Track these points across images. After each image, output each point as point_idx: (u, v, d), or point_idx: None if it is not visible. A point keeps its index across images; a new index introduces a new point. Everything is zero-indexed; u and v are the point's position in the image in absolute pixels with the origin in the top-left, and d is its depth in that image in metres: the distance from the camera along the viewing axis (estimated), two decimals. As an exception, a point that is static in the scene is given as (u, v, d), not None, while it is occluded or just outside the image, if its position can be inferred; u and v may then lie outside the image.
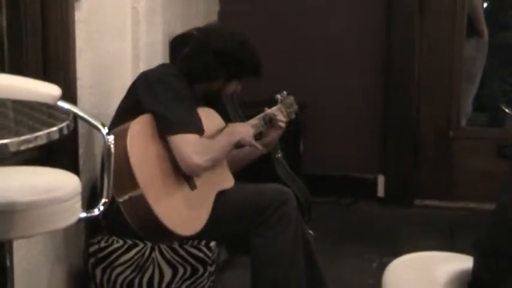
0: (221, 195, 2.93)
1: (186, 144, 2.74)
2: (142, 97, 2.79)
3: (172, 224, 2.69)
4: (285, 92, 3.24)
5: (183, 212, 2.79)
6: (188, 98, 2.86)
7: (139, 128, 2.72)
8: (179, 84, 2.85)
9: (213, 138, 2.90)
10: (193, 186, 2.85)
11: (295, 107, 3.27)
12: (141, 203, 2.65)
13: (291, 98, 3.25)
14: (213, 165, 2.88)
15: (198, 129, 2.81)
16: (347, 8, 4.80)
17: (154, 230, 2.71)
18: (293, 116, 3.24)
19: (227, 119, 3.22)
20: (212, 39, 2.96)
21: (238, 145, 2.97)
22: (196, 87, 2.96)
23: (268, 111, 3.13)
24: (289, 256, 2.86)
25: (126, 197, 2.66)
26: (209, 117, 2.97)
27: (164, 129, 2.76)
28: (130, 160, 2.64)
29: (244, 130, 2.98)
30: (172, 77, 2.86)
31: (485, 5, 5.78)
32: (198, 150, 2.76)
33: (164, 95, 2.79)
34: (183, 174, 2.82)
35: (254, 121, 3.10)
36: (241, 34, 3.01)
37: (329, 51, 4.83)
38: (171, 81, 2.84)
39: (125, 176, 2.64)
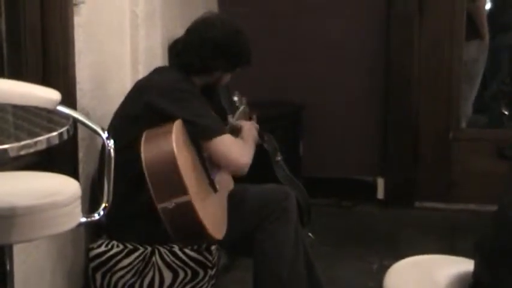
0: (228, 197, 2.95)
1: (229, 146, 2.76)
2: (167, 107, 2.74)
3: (212, 230, 2.67)
4: (236, 92, 3.26)
5: (216, 216, 2.80)
6: (203, 98, 2.87)
7: (179, 134, 2.69)
8: (190, 86, 2.86)
9: (241, 136, 2.94)
10: (215, 190, 2.86)
11: (248, 108, 3.30)
12: (186, 209, 2.58)
13: (245, 99, 3.27)
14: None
15: (226, 128, 2.85)
16: (347, 9, 4.80)
17: (192, 236, 2.68)
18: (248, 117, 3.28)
19: (223, 113, 3.23)
20: (208, 31, 2.94)
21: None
22: (194, 80, 2.95)
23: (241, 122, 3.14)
24: (292, 250, 2.88)
25: (173, 203, 2.58)
26: None
27: (202, 135, 2.75)
28: (179, 166, 2.57)
29: (253, 129, 3.04)
30: (182, 82, 2.85)
31: (487, 7, 5.78)
32: (241, 150, 2.81)
33: (186, 101, 2.77)
34: (208, 178, 2.82)
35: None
36: (233, 23, 3.02)
37: (329, 52, 4.83)
38: (184, 86, 2.83)
39: (172, 182, 2.57)
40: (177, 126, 2.68)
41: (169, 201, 2.59)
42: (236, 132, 3.02)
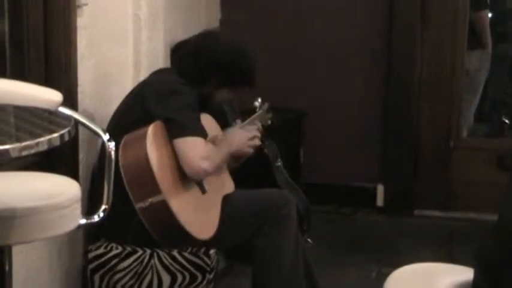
0: (225, 200, 2.94)
1: (194, 148, 2.71)
2: (156, 107, 2.75)
3: (193, 229, 2.68)
4: (259, 99, 3.24)
5: (200, 216, 2.80)
6: (198, 107, 2.85)
7: (156, 134, 2.70)
8: (191, 93, 2.83)
9: (216, 146, 2.88)
10: (203, 191, 2.86)
11: (270, 114, 3.27)
12: (162, 208, 2.63)
13: (267, 105, 3.25)
14: (216, 172, 2.87)
15: (205, 136, 2.80)
16: (348, 17, 4.80)
17: (173, 236, 2.70)
18: (269, 123, 3.24)
19: (224, 119, 3.22)
20: (207, 44, 2.95)
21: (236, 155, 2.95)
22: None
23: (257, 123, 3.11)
24: (291, 256, 2.88)
25: (148, 202, 2.63)
26: (207, 124, 2.96)
27: (174, 132, 2.72)
28: (151, 165, 2.61)
29: (240, 141, 2.92)
30: (184, 86, 2.84)
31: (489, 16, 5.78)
32: (206, 155, 2.73)
33: (178, 104, 2.76)
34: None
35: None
36: (239, 43, 3.00)
37: (330, 60, 4.83)
38: (184, 91, 2.82)
39: (146, 182, 2.62)
40: (154, 127, 2.70)
41: (145, 200, 2.63)
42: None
